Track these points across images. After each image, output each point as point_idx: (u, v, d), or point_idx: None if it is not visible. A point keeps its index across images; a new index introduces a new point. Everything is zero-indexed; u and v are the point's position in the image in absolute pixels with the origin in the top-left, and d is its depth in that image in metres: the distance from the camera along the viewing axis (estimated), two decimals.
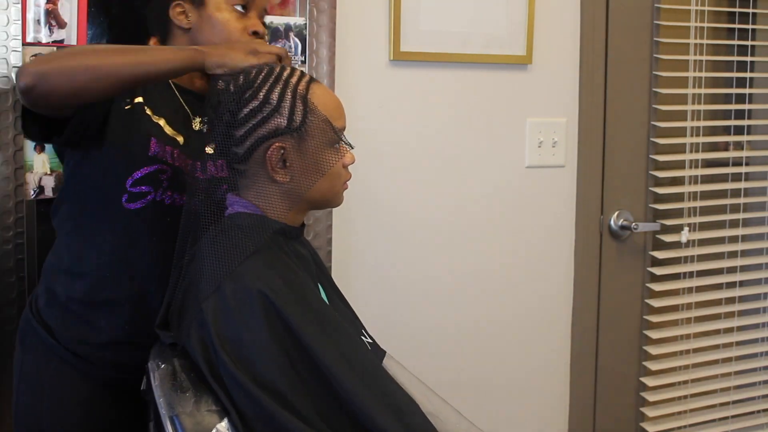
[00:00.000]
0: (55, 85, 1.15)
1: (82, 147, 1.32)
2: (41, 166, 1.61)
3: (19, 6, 1.57)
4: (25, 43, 1.58)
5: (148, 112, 1.35)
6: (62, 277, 1.38)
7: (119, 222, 1.33)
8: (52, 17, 1.61)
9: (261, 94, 1.18)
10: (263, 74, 1.21)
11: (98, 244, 1.35)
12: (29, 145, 1.59)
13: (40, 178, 1.61)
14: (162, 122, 1.36)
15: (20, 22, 1.57)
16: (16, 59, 1.57)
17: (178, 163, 1.35)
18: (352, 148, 1.26)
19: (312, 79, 1.23)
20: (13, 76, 1.55)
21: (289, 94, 1.19)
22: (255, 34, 1.40)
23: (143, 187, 1.33)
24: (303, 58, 1.81)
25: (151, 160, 1.33)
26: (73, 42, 1.63)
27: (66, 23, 1.63)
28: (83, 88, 1.16)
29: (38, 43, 1.61)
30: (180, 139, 1.37)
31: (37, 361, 1.39)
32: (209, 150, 1.34)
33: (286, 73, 1.21)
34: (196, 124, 1.40)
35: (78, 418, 1.38)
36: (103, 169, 1.32)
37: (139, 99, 1.35)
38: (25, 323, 1.42)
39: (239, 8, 1.38)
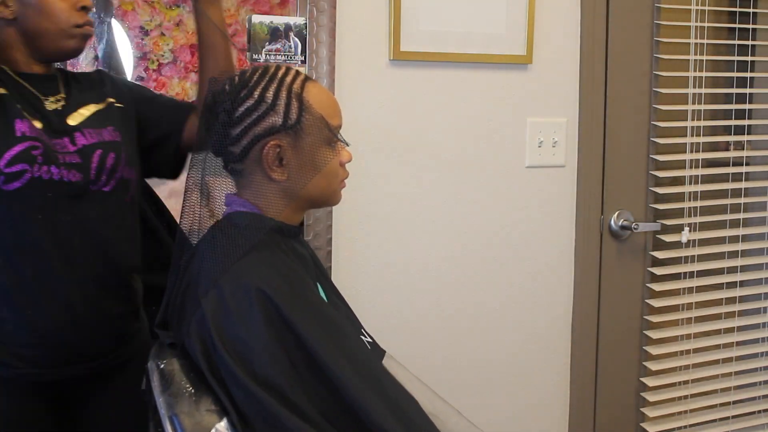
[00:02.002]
0: None
1: None
2: None
3: None
4: None
5: (10, 97, 1.34)
6: None
7: (1, 205, 1.31)
8: None
9: (256, 92, 1.18)
10: (258, 73, 1.21)
11: None
12: None
13: None
14: (19, 106, 1.35)
15: None
16: None
17: (46, 142, 1.34)
18: (348, 145, 1.26)
19: (307, 78, 1.24)
20: None
21: (284, 92, 1.19)
22: (84, 9, 1.39)
23: (18, 166, 1.30)
24: (303, 58, 1.81)
25: (20, 138, 1.31)
26: None
27: None
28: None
29: None
30: (37, 123, 1.35)
31: None
32: (74, 120, 1.34)
33: (281, 72, 1.22)
34: (49, 104, 1.40)
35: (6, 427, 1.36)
36: None
37: (3, 91, 1.34)
38: None
39: None
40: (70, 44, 1.40)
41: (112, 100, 1.47)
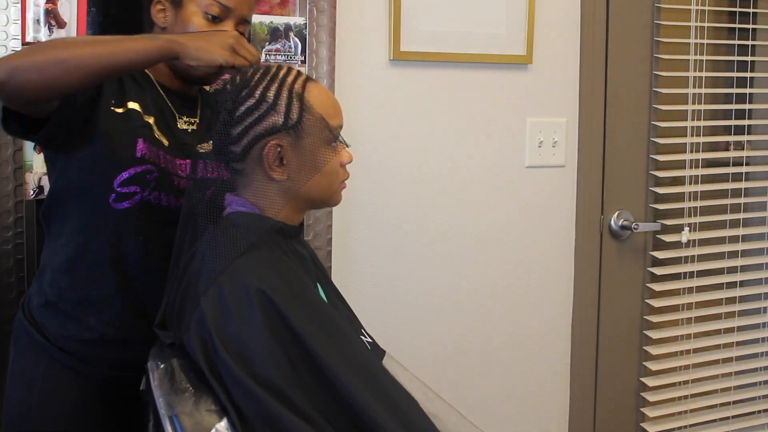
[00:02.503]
0: (26, 80, 1.13)
1: (66, 148, 1.31)
2: (41, 166, 1.61)
3: (19, 6, 1.57)
4: (24, 43, 1.59)
5: (139, 111, 1.35)
6: (52, 276, 1.39)
7: (107, 221, 1.33)
8: (52, 17, 1.62)
9: (257, 92, 1.19)
10: (260, 73, 1.21)
11: (87, 243, 1.36)
12: (29, 145, 1.59)
13: (40, 178, 1.62)
14: (152, 121, 1.36)
15: (20, 21, 1.57)
16: None
17: (164, 164, 1.35)
18: (348, 146, 1.26)
19: (308, 78, 1.24)
20: None
21: (286, 92, 1.19)
22: None
23: (131, 188, 1.32)
24: (303, 58, 1.81)
25: (139, 161, 1.32)
26: None
27: (65, 23, 1.63)
28: (54, 81, 1.14)
29: (38, 43, 1.61)
30: (165, 141, 1.37)
31: (28, 360, 1.40)
32: (202, 149, 1.34)
33: (282, 72, 1.22)
34: (182, 123, 1.41)
35: (68, 417, 1.38)
36: (90, 169, 1.32)
37: (134, 105, 1.35)
38: (18, 324, 1.43)
39: (211, 17, 1.35)
40: (199, 72, 1.34)
41: None
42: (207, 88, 1.51)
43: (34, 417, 1.38)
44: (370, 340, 1.30)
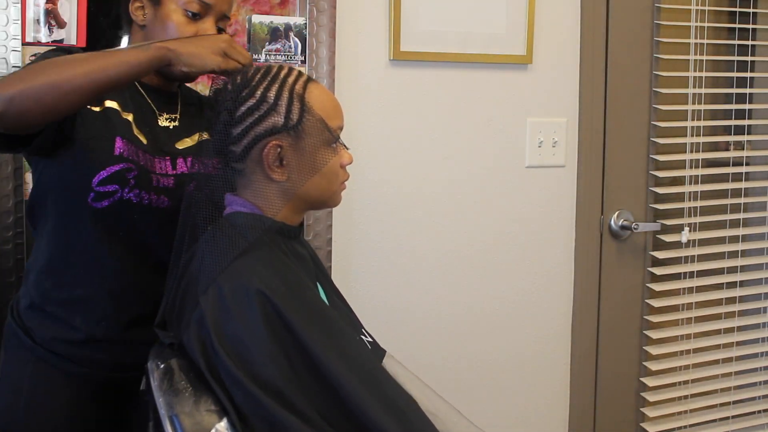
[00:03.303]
0: (25, 109, 1.12)
1: (49, 153, 1.30)
2: None
3: (19, 6, 1.57)
4: (24, 43, 1.59)
5: (117, 109, 1.34)
6: (36, 278, 1.38)
7: (87, 221, 1.32)
8: (52, 17, 1.62)
9: (258, 92, 1.18)
10: (261, 73, 1.21)
11: (68, 243, 1.35)
12: None
13: None
14: (130, 118, 1.35)
15: (20, 21, 1.57)
16: (15, 59, 1.57)
17: (143, 162, 1.34)
18: (347, 149, 1.26)
19: (309, 79, 1.24)
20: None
21: (286, 92, 1.19)
22: None
23: (109, 186, 1.31)
24: (303, 58, 1.81)
25: (117, 159, 1.31)
26: (73, 42, 1.63)
27: (65, 23, 1.63)
28: (52, 107, 1.14)
29: (38, 43, 1.61)
30: (143, 139, 1.35)
31: (17, 362, 1.39)
32: (183, 145, 1.33)
33: (283, 72, 1.22)
34: (162, 120, 1.40)
35: (57, 417, 1.38)
36: (70, 169, 1.31)
37: (112, 104, 1.34)
38: (7, 326, 1.42)
39: (191, 14, 1.34)
40: (179, 70, 1.33)
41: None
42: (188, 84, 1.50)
43: (23, 419, 1.36)
44: (370, 339, 1.30)
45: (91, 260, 1.35)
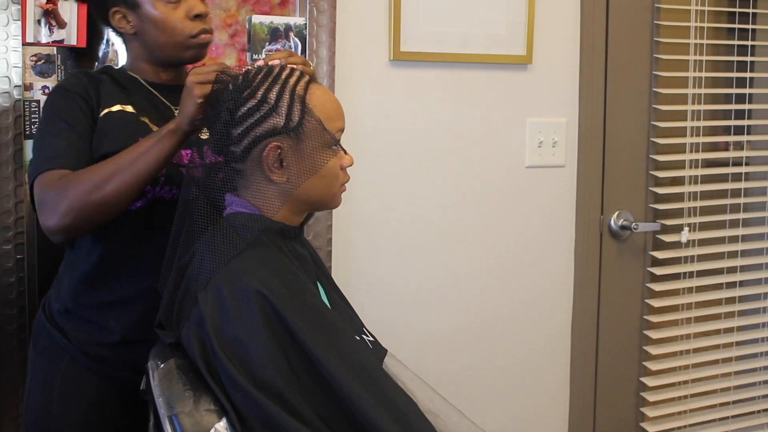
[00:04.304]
0: (80, 227, 1.26)
1: None
2: None
3: (19, 6, 1.57)
4: (24, 43, 1.59)
5: (133, 111, 1.36)
6: (70, 285, 1.40)
7: (121, 223, 1.34)
8: (52, 17, 1.62)
9: (259, 93, 1.18)
10: (262, 74, 1.21)
11: (106, 249, 1.37)
12: (29, 145, 1.59)
13: None
14: (146, 120, 1.37)
15: (20, 21, 1.57)
16: (16, 59, 1.58)
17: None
18: (346, 153, 1.26)
19: (311, 80, 1.23)
20: (14, 95, 1.57)
21: (287, 94, 1.19)
22: (198, 17, 1.39)
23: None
24: None
25: None
26: (73, 42, 1.63)
27: (66, 23, 1.63)
28: (106, 217, 1.27)
29: (38, 43, 1.61)
30: None
31: (49, 361, 1.41)
32: (203, 135, 1.33)
33: (285, 74, 1.21)
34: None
35: (87, 418, 1.39)
36: None
37: (128, 107, 1.36)
38: (39, 324, 1.44)
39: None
40: (187, 54, 1.41)
41: None
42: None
43: (55, 418, 1.38)
44: (371, 339, 1.30)
45: (130, 263, 1.37)
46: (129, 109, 1.37)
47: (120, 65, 1.51)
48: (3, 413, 1.62)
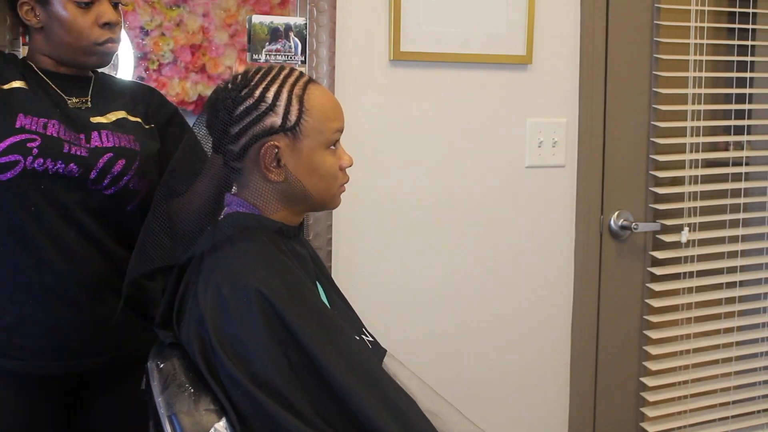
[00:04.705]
0: None
1: None
2: None
3: None
4: (24, 43, 1.59)
5: (24, 87, 1.35)
6: None
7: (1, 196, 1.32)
8: None
9: (257, 92, 1.19)
10: (261, 73, 1.21)
11: None
12: None
13: None
14: (29, 102, 1.35)
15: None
16: None
17: (50, 132, 1.33)
18: (345, 153, 1.26)
19: (310, 80, 1.23)
20: None
21: (285, 93, 1.19)
22: (107, 25, 1.38)
23: (11, 156, 1.30)
24: (303, 58, 1.81)
25: (18, 130, 1.31)
26: None
27: None
28: None
29: None
30: (54, 118, 1.36)
31: None
32: (96, 120, 1.35)
33: (284, 73, 1.22)
34: (72, 103, 1.40)
35: (6, 427, 1.36)
36: None
37: (19, 83, 1.35)
38: None
39: (83, 4, 1.35)
40: (90, 60, 1.40)
41: (139, 119, 1.46)
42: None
43: None
44: (371, 339, 1.30)
45: (7, 235, 1.33)
46: (21, 84, 1.35)
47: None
48: None
